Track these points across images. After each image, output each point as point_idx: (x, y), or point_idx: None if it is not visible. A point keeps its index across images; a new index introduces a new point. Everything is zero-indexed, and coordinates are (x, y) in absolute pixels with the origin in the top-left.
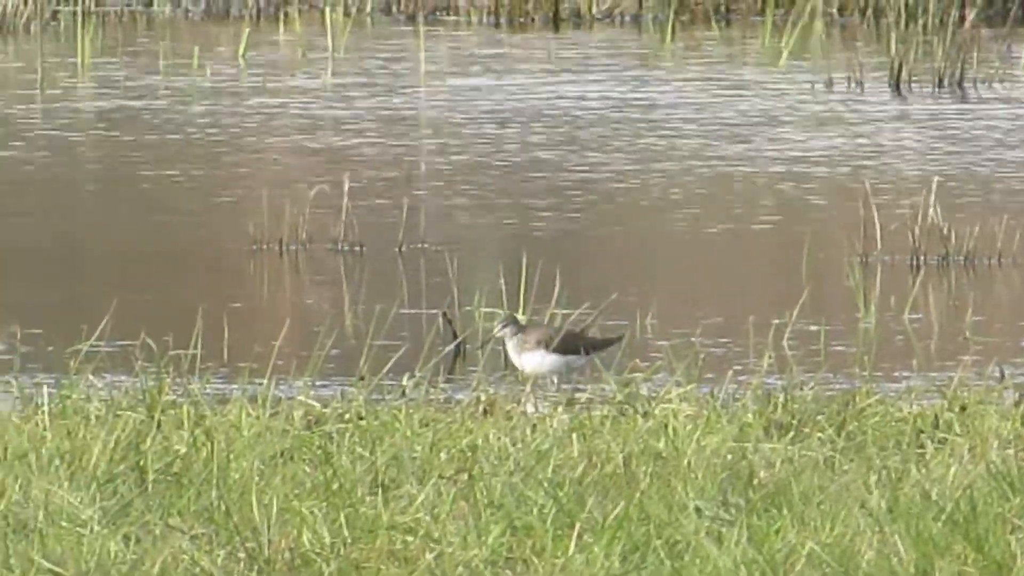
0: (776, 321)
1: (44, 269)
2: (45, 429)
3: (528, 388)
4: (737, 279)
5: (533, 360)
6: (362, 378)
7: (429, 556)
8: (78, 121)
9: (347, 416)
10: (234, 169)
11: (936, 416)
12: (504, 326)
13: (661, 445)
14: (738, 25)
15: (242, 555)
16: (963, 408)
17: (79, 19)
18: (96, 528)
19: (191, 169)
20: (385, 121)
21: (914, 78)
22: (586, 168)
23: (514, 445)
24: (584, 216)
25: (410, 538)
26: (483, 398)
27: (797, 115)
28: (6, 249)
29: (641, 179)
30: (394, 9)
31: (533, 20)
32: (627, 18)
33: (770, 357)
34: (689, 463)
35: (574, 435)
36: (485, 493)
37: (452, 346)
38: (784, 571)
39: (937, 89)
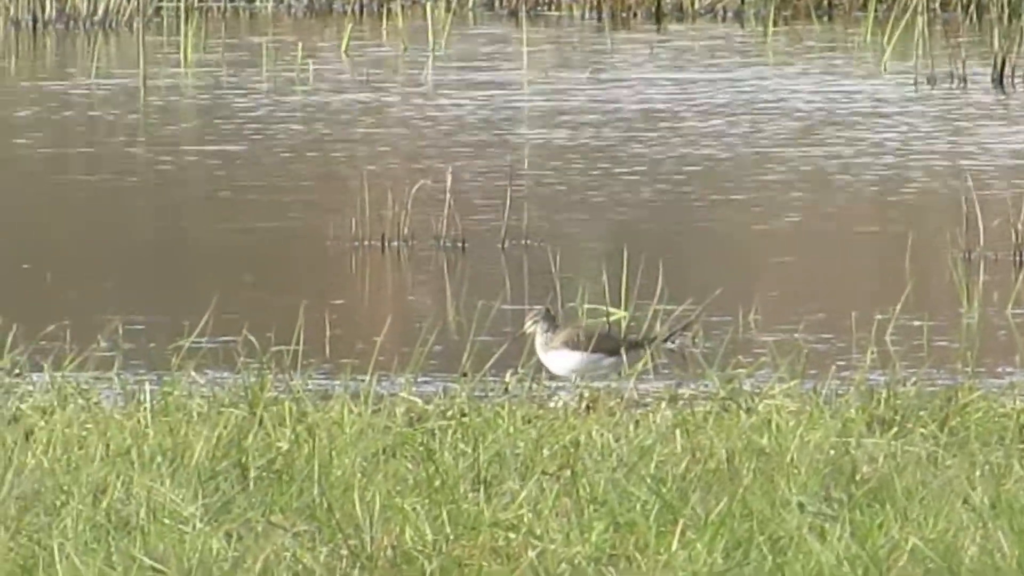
0: (879, 316)
1: (147, 266)
2: (147, 426)
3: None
4: (840, 275)
5: (558, 359)
6: (465, 375)
7: (531, 553)
8: (180, 116)
9: (449, 413)
10: (336, 165)
11: None
12: (536, 321)
13: (764, 441)
14: (839, 20)
15: (344, 552)
16: None
17: (181, 15)
18: (198, 525)
19: (293, 165)
20: (487, 116)
21: (1017, 73)
22: (689, 163)
23: (617, 441)
24: (687, 212)
25: (512, 535)
26: (586, 394)
27: (899, 111)
28: (110, 246)
29: (743, 175)
30: (496, 4)
31: (635, 15)
32: (729, 13)
33: (873, 353)
34: (792, 459)
35: (677, 431)
36: (588, 489)
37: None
38: (887, 567)
39: None
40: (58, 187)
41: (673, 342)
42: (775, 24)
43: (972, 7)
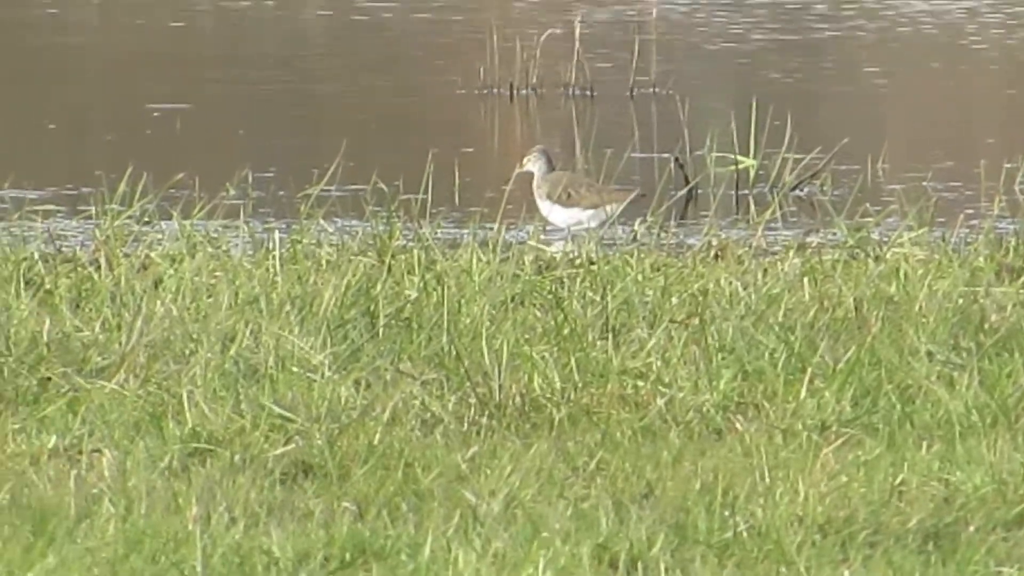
0: (1008, 165)
1: (277, 114)
2: (276, 274)
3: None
4: (968, 124)
5: (543, 209)
6: None
7: (660, 401)
8: None
9: (578, 261)
10: (465, 13)
11: None
12: (533, 161)
13: (892, 289)
14: None
15: (473, 400)
16: None
17: None
18: (327, 373)
19: (421, 14)
20: None
21: None
22: (820, 14)
23: (745, 289)
24: (817, 64)
25: (640, 383)
26: (714, 242)
27: None
28: (239, 95)
29: (874, 33)
30: None
31: None
32: None
33: (1001, 201)
34: (920, 307)
35: (805, 279)
36: (716, 337)
37: (684, 190)
38: (1015, 415)
39: None
40: (186, 40)
41: (802, 190)
42: None
43: None
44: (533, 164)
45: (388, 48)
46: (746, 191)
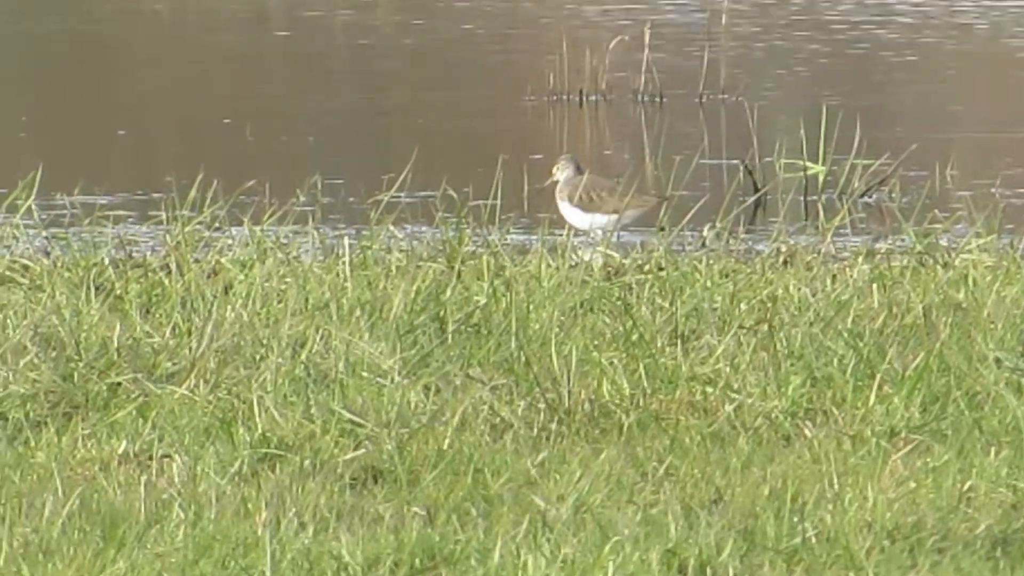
0: None
1: (346, 121)
2: (346, 279)
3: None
4: None
5: (564, 211)
6: (662, 228)
7: (728, 407)
8: None
9: (647, 267)
10: (534, 20)
11: None
12: (562, 169)
13: (961, 296)
14: None
15: (542, 406)
16: None
17: None
18: (396, 378)
19: (491, 21)
20: None
21: None
22: (887, 18)
23: (814, 295)
24: (885, 71)
25: (709, 389)
26: (783, 248)
27: None
28: (309, 102)
29: (939, 40)
30: None
31: None
32: None
33: None
34: (989, 314)
35: (874, 285)
36: (785, 344)
37: (754, 197)
38: None
39: None
40: (260, 46)
41: (870, 196)
42: None
43: None
44: (562, 172)
45: (458, 55)
46: (815, 197)
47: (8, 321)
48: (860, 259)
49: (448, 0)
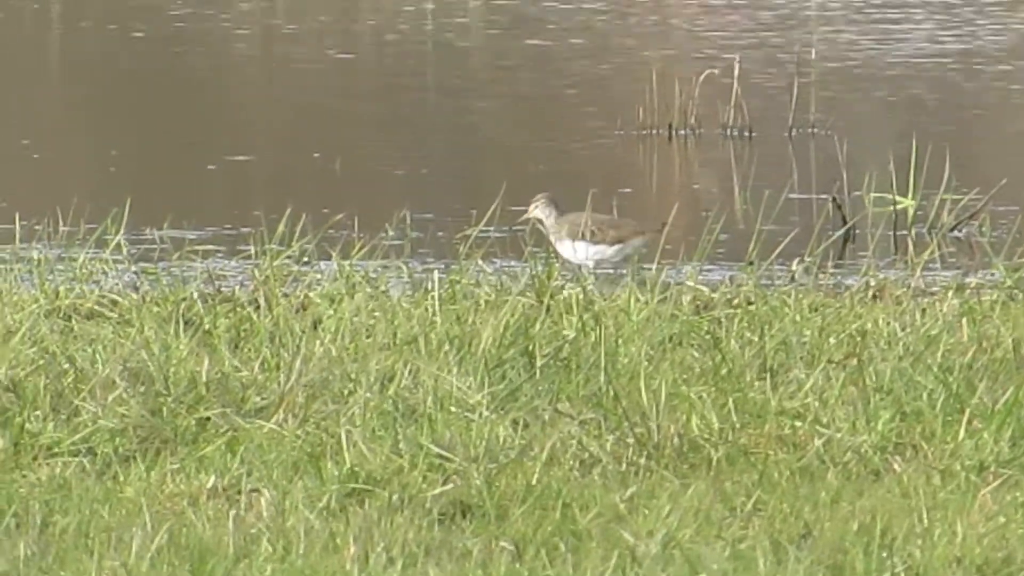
0: None
1: (435, 155)
2: (435, 314)
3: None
4: None
5: (566, 250)
6: (751, 263)
7: (818, 441)
8: (470, 28)
9: (736, 301)
10: (624, 53)
11: None
12: (538, 208)
13: None
14: None
15: (631, 440)
16: None
17: None
18: (485, 413)
19: (580, 55)
20: (775, 6)
21: None
22: (977, 58)
23: (903, 330)
24: (975, 104)
25: (798, 423)
26: (872, 283)
27: None
28: (399, 137)
29: None
30: None
31: None
32: None
33: None
34: None
35: (963, 320)
36: (874, 378)
37: (842, 231)
38: None
39: None
40: (349, 81)
41: (960, 231)
42: None
43: None
44: (540, 211)
45: (546, 88)
46: (904, 231)
47: (97, 356)
48: (950, 293)
49: (532, 29)
